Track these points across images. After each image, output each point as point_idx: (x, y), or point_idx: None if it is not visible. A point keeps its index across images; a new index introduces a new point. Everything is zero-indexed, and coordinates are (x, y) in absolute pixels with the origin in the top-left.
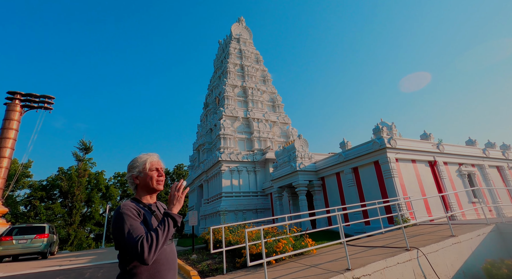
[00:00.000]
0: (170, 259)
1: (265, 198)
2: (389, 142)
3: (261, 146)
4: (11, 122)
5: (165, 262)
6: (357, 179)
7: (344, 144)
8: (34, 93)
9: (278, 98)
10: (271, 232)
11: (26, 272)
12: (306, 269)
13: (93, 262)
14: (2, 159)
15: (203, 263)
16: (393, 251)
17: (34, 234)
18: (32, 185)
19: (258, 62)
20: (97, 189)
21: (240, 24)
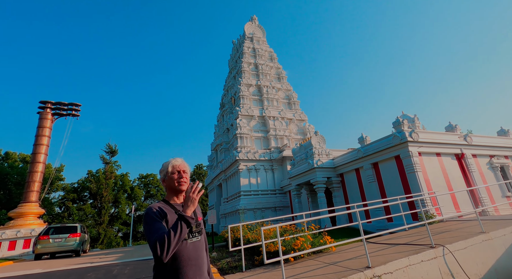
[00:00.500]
0: (192, 256)
1: (284, 195)
2: (410, 135)
3: (277, 144)
4: (44, 130)
5: (187, 259)
6: (377, 175)
7: (363, 139)
8: (63, 102)
9: (294, 95)
10: (289, 229)
11: (61, 269)
12: (324, 267)
13: (120, 260)
14: (38, 164)
15: (223, 260)
16: (417, 248)
17: (67, 233)
18: (65, 187)
19: (272, 60)
20: (123, 190)
21: (253, 23)
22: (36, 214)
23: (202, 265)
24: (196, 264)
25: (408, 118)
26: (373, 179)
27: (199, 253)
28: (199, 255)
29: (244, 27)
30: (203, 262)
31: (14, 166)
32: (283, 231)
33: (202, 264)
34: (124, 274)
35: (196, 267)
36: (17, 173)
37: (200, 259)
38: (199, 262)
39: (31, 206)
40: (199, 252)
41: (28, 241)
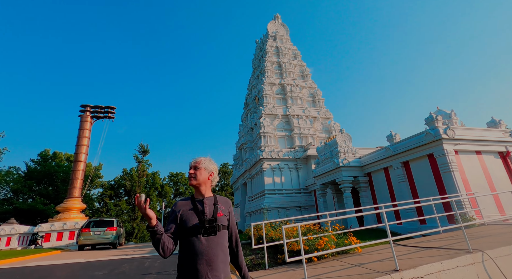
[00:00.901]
0: (204, 252)
1: (309, 195)
2: (445, 132)
3: (302, 143)
4: (84, 131)
5: (198, 254)
6: (408, 174)
7: (392, 137)
8: (100, 105)
9: (318, 93)
10: (312, 229)
11: (100, 259)
12: (349, 268)
13: (151, 253)
14: (79, 163)
15: (246, 258)
16: (452, 253)
17: (105, 227)
18: (103, 184)
19: (296, 58)
20: (154, 188)
21: (276, 21)
22: (79, 209)
23: (216, 260)
24: (207, 259)
25: (444, 114)
26: (404, 179)
27: (212, 249)
28: (212, 251)
29: (267, 26)
30: (216, 257)
31: (60, 164)
32: (306, 230)
33: (214, 259)
34: (155, 266)
35: (207, 261)
36: (63, 171)
37: (211, 254)
38: (210, 257)
39: (74, 201)
40: (213, 248)
41: (72, 232)
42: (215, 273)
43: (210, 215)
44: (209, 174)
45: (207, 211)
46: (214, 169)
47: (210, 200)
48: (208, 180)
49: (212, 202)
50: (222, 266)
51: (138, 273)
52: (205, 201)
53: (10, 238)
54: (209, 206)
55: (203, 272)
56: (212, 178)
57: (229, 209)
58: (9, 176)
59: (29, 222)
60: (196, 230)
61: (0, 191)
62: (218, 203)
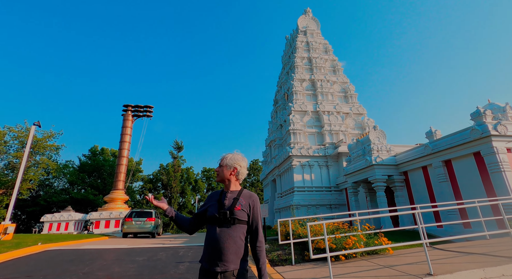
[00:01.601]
0: (216, 241)
1: (340, 193)
2: (495, 128)
3: (332, 140)
4: (126, 129)
5: (210, 241)
6: (450, 174)
7: (432, 133)
8: (140, 105)
9: (351, 88)
10: (341, 228)
11: (141, 246)
12: (378, 269)
13: (185, 244)
14: (122, 158)
15: (274, 253)
16: (497, 260)
17: (145, 217)
18: (143, 178)
19: (327, 52)
20: (188, 183)
21: (307, 16)
22: (123, 200)
23: (224, 250)
24: (218, 247)
25: (496, 108)
26: (445, 179)
27: (223, 239)
28: (223, 241)
29: (297, 21)
30: (225, 248)
31: (107, 159)
32: (334, 229)
33: (223, 249)
34: (188, 255)
35: (217, 250)
36: (109, 165)
37: (222, 244)
38: (220, 246)
39: (119, 193)
40: (223, 238)
41: (117, 221)
42: (224, 262)
43: (227, 207)
44: (231, 170)
45: (226, 203)
46: (238, 164)
47: (233, 193)
48: (231, 175)
49: (233, 196)
50: (233, 257)
51: (173, 261)
52: (228, 195)
53: (68, 224)
54: (229, 199)
55: (212, 259)
56: (235, 173)
57: (252, 204)
58: (66, 169)
59: (82, 210)
60: (213, 219)
61: (59, 182)
62: (240, 197)
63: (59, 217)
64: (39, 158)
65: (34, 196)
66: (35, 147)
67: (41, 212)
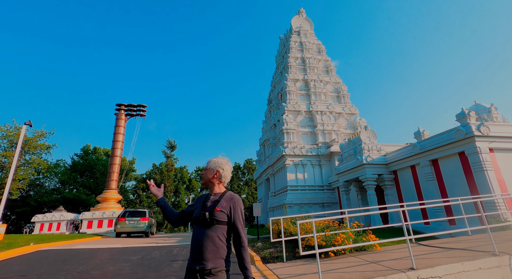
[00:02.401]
0: (197, 240)
1: (332, 192)
2: (478, 129)
3: (325, 139)
4: (119, 128)
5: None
6: (437, 173)
7: (420, 134)
8: (133, 104)
9: (343, 88)
10: (331, 226)
11: (134, 246)
12: (365, 265)
13: (179, 243)
14: (115, 158)
15: (266, 250)
16: (476, 254)
17: (139, 217)
18: (136, 177)
19: (320, 52)
20: (182, 182)
21: (300, 16)
22: (116, 199)
23: (203, 249)
24: (198, 246)
25: (482, 109)
26: (432, 177)
27: (203, 239)
28: (202, 241)
29: (291, 21)
30: (204, 247)
31: (100, 158)
32: (325, 227)
33: (202, 248)
34: (182, 254)
35: (197, 249)
36: (101, 164)
37: (201, 243)
38: (199, 246)
39: (112, 193)
40: (203, 238)
41: (110, 221)
42: (202, 261)
43: (208, 209)
44: (213, 173)
45: (207, 205)
46: (221, 168)
47: (215, 196)
48: (213, 178)
49: (215, 198)
50: (211, 256)
51: (167, 259)
52: (211, 197)
53: (60, 224)
54: (211, 201)
55: (193, 257)
56: (218, 176)
57: (233, 206)
58: (57, 168)
59: (74, 210)
60: (196, 220)
61: (50, 182)
62: (222, 200)
63: (50, 217)
64: (29, 157)
65: (24, 196)
66: (25, 146)
67: (32, 213)
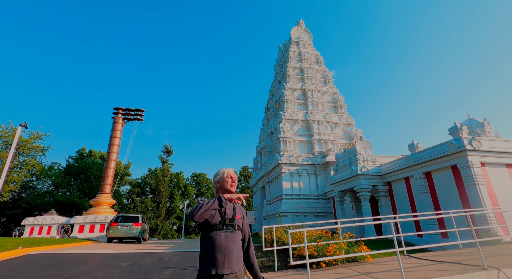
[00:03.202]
0: (223, 245)
1: (327, 201)
2: (470, 143)
3: (321, 148)
4: (116, 132)
5: (218, 246)
6: (430, 185)
7: (414, 146)
8: (131, 108)
9: (340, 99)
10: (324, 236)
11: (125, 251)
12: (356, 276)
13: (171, 250)
14: (111, 161)
15: (258, 259)
16: (465, 268)
17: (132, 222)
18: (131, 182)
19: (318, 63)
20: (177, 187)
21: (300, 27)
22: (109, 204)
23: (231, 254)
24: (225, 251)
25: (476, 123)
26: (425, 190)
27: (230, 243)
28: (229, 245)
29: (291, 32)
30: (231, 252)
31: (95, 162)
32: (317, 237)
33: (231, 253)
34: (173, 261)
35: (225, 254)
36: (97, 168)
37: (229, 248)
38: (227, 250)
39: (105, 197)
40: (229, 242)
41: (103, 225)
42: (230, 264)
43: (230, 216)
44: (215, 184)
45: (228, 212)
46: (217, 177)
47: (230, 204)
48: (219, 188)
49: (231, 206)
50: (236, 260)
51: (157, 266)
52: (226, 205)
53: (51, 227)
54: (229, 208)
55: (221, 262)
56: (218, 185)
57: (243, 214)
58: (51, 170)
59: (67, 213)
60: (219, 226)
61: (43, 184)
62: (236, 208)
63: (41, 220)
64: (24, 159)
65: (16, 198)
66: (20, 148)
67: (23, 215)
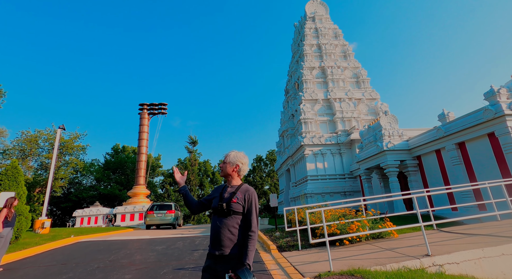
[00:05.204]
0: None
1: (354, 180)
2: (509, 107)
3: (345, 127)
4: (143, 127)
5: (212, 229)
6: (464, 156)
7: (444, 116)
8: (154, 103)
9: (363, 73)
10: (348, 214)
11: (161, 237)
12: (379, 252)
13: (203, 234)
14: (141, 155)
15: (283, 240)
16: (499, 240)
17: (166, 210)
18: (163, 173)
19: (337, 37)
20: (206, 175)
21: (315, 1)
22: (145, 194)
23: (221, 237)
24: (216, 234)
25: None
26: (459, 161)
27: (221, 227)
28: (221, 229)
29: (305, 7)
30: (222, 235)
31: (129, 156)
32: (341, 215)
33: (221, 236)
34: (203, 244)
35: (216, 236)
36: (131, 162)
37: (219, 232)
38: (218, 234)
39: (140, 188)
40: (221, 226)
41: (141, 214)
42: (221, 247)
43: (224, 201)
44: (233, 166)
45: (225, 196)
46: (240, 162)
47: (232, 188)
48: (233, 172)
49: (232, 190)
50: (229, 243)
51: (189, 249)
52: (228, 189)
53: (97, 218)
54: (228, 193)
55: (213, 244)
56: (237, 169)
57: (247, 197)
58: (92, 167)
59: (110, 204)
60: (214, 210)
61: (87, 180)
62: (238, 192)
63: (88, 211)
64: (68, 158)
65: (66, 193)
66: (64, 148)
67: (73, 208)
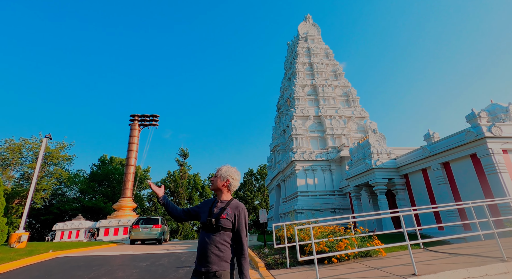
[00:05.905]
0: (204, 244)
1: (343, 197)
2: (489, 130)
3: (335, 144)
4: (133, 138)
5: (200, 244)
6: (449, 175)
7: (430, 136)
8: (146, 114)
9: (352, 92)
10: (337, 231)
11: (145, 252)
12: (367, 271)
13: (189, 249)
14: (130, 167)
15: (271, 257)
16: (483, 260)
17: (152, 224)
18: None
19: (328, 57)
20: (195, 189)
21: (307, 22)
22: (131, 207)
23: (208, 253)
24: (204, 250)
25: (499, 108)
26: (444, 181)
27: (209, 243)
28: (208, 245)
29: (298, 28)
30: (209, 251)
31: (116, 168)
32: (330, 232)
33: (208, 252)
34: (189, 261)
35: (203, 252)
36: (118, 174)
37: (207, 247)
38: (205, 249)
39: (127, 201)
40: (209, 242)
41: (126, 228)
42: (207, 263)
43: (213, 216)
44: (224, 181)
45: (214, 211)
46: (231, 177)
47: (222, 203)
48: (223, 186)
49: (222, 205)
50: (216, 260)
51: (174, 265)
52: (218, 204)
53: (79, 231)
54: (217, 208)
55: (200, 260)
56: (228, 184)
57: (237, 214)
58: (77, 178)
59: (93, 218)
60: (203, 225)
61: (71, 191)
62: (228, 207)
63: (70, 225)
64: (53, 168)
65: (48, 205)
66: (49, 158)
67: (54, 220)
